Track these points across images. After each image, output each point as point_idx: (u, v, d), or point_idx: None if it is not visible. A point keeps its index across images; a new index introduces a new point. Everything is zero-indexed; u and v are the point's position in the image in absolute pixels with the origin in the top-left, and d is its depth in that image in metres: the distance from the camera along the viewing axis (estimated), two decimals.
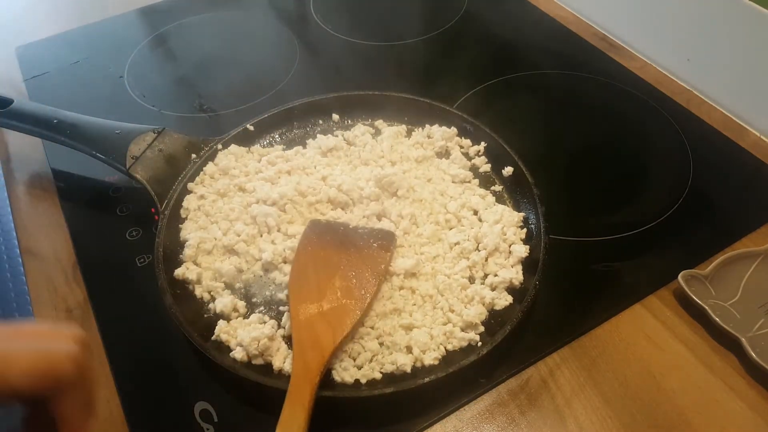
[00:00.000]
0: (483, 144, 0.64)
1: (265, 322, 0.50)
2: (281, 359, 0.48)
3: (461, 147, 0.65)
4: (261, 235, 0.56)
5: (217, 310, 0.51)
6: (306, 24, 0.88)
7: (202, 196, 0.59)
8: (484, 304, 0.51)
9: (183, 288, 0.53)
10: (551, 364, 0.50)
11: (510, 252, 0.55)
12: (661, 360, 0.50)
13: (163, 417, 0.47)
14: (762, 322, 0.51)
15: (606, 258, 0.57)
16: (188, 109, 0.74)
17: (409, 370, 0.47)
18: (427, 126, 0.67)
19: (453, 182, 0.61)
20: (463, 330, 0.49)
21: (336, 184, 0.59)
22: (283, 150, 0.64)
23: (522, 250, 0.54)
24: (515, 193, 0.60)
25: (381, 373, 0.47)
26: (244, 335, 0.48)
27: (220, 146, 0.63)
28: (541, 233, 0.54)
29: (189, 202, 0.59)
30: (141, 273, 0.56)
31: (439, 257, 0.55)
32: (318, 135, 0.66)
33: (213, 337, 0.49)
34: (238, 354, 0.47)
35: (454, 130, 0.65)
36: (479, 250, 0.55)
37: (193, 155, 0.62)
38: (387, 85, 0.71)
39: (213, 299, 0.52)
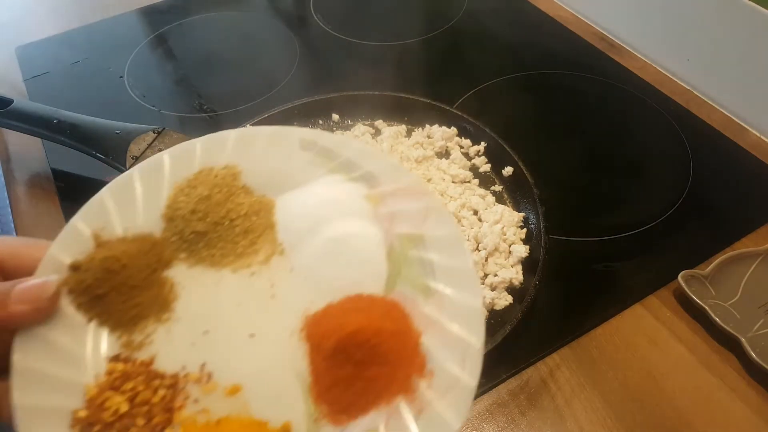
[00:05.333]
0: (483, 144, 0.64)
1: None
2: None
3: (461, 147, 0.65)
4: None
5: None
6: (306, 24, 0.88)
7: None
8: (484, 304, 0.51)
9: None
10: (551, 365, 0.50)
11: (510, 252, 0.54)
12: (661, 360, 0.50)
13: None
14: (762, 322, 0.51)
15: (606, 258, 0.57)
16: (188, 109, 0.74)
17: None
18: (427, 126, 0.66)
19: (453, 182, 0.61)
20: None
21: None
22: None
23: (522, 250, 0.54)
24: (515, 193, 0.60)
25: None
26: None
27: None
28: (541, 233, 0.54)
29: None
30: None
31: None
32: None
33: None
34: None
35: (454, 130, 0.65)
36: (479, 250, 0.55)
37: None
38: (387, 85, 0.71)
39: None
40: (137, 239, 0.36)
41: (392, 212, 0.38)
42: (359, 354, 0.32)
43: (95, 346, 0.33)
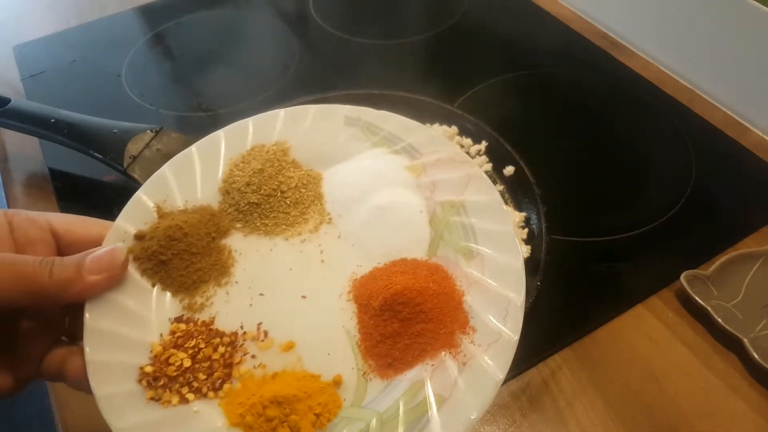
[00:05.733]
0: (484, 143, 0.64)
1: None
2: None
3: (462, 146, 0.64)
4: None
5: None
6: (305, 22, 0.87)
7: None
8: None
9: None
10: (553, 366, 0.50)
11: None
12: (663, 361, 0.50)
13: None
14: (764, 322, 0.50)
15: (608, 258, 0.57)
16: (186, 108, 0.74)
17: None
18: (428, 125, 0.66)
19: None
20: None
21: None
22: None
23: (523, 251, 0.53)
24: (516, 192, 0.60)
25: None
26: None
27: None
28: (542, 233, 0.54)
29: None
30: None
31: None
32: None
33: None
34: None
35: (454, 128, 0.65)
36: None
37: None
38: (387, 83, 0.71)
39: None
40: (197, 211, 0.39)
41: (434, 181, 0.40)
42: (405, 312, 0.34)
43: (159, 308, 0.36)
